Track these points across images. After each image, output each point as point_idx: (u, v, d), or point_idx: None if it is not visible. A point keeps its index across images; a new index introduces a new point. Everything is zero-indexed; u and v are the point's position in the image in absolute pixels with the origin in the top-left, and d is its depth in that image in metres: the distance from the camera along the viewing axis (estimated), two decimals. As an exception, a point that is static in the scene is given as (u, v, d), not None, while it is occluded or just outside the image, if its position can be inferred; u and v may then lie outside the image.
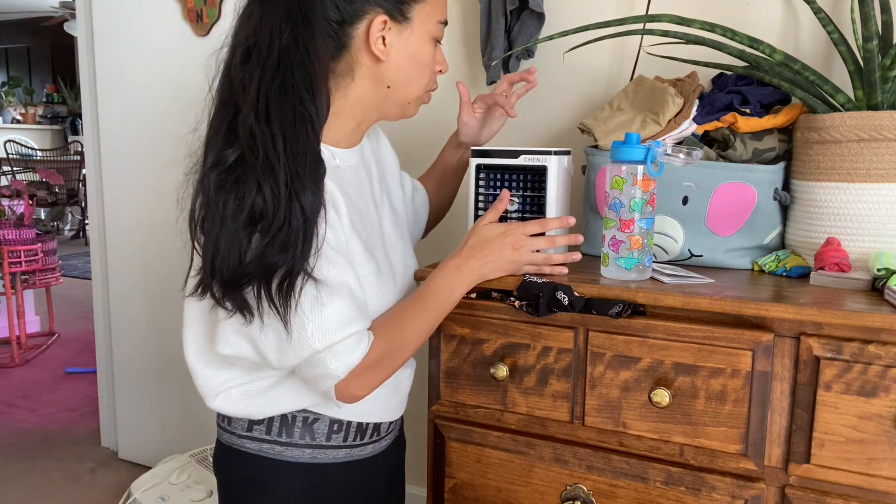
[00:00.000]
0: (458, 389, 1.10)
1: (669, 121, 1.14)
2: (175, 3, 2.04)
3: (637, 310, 0.97)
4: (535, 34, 1.47)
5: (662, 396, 0.93)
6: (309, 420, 0.99)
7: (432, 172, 1.29)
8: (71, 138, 7.88)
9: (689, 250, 1.12)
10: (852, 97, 1.10)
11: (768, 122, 1.12)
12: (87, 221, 6.01)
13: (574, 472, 1.03)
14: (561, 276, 1.02)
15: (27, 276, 3.52)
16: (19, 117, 8.33)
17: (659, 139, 1.13)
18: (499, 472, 1.08)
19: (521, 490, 1.07)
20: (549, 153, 1.06)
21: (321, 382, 0.90)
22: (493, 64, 1.50)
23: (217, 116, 0.90)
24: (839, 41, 1.12)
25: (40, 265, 3.50)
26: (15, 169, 6.65)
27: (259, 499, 1.00)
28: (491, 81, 1.53)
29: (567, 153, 1.10)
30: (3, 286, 3.43)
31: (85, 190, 6.48)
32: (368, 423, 1.03)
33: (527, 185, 1.09)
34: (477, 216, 1.11)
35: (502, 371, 1.03)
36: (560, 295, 0.97)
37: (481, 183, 1.11)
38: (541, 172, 1.07)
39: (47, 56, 9.62)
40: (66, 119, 8.68)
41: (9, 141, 6.95)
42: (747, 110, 1.13)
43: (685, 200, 1.11)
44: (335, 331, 0.87)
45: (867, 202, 1.01)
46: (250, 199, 0.83)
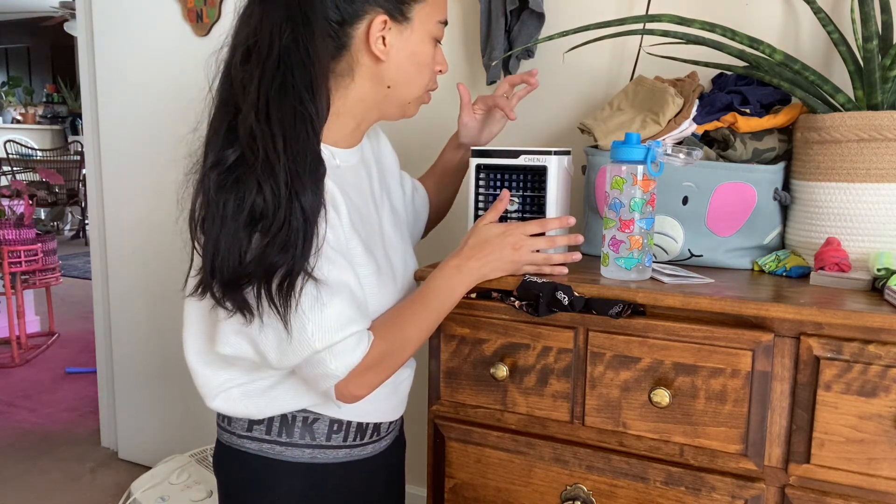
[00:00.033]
0: (458, 389, 1.10)
1: (669, 121, 1.14)
2: (175, 3, 2.04)
3: (637, 310, 0.97)
4: (535, 34, 1.48)
5: (662, 396, 0.93)
6: (309, 420, 0.99)
7: (432, 173, 1.29)
8: (71, 138, 7.88)
9: (689, 250, 1.12)
10: (852, 97, 1.10)
11: (768, 122, 1.12)
12: (87, 221, 6.01)
13: (574, 472, 1.03)
14: (561, 276, 1.02)
15: (27, 276, 3.52)
16: (19, 117, 8.33)
17: (659, 139, 1.13)
18: (499, 472, 1.08)
19: (521, 490, 1.07)
20: (549, 153, 1.06)
21: (321, 382, 0.90)
22: (493, 64, 1.50)
23: (217, 116, 0.90)
24: (839, 41, 1.12)
25: (40, 265, 3.50)
26: (15, 169, 6.65)
27: (259, 499, 1.00)
28: (491, 81, 1.53)
29: (567, 153, 1.10)
30: (3, 286, 3.43)
31: (85, 190, 6.48)
32: (368, 423, 1.03)
33: (527, 185, 1.09)
34: (477, 216, 1.11)
35: (502, 371, 1.03)
36: (560, 295, 0.97)
37: (481, 183, 1.11)
38: (541, 172, 1.07)
39: (47, 56, 9.62)
40: (66, 119, 8.68)
41: (9, 141, 6.95)
42: (747, 110, 1.13)
43: (685, 200, 1.11)
44: (335, 331, 0.87)
45: (867, 202, 1.01)
46: (250, 198, 0.83)
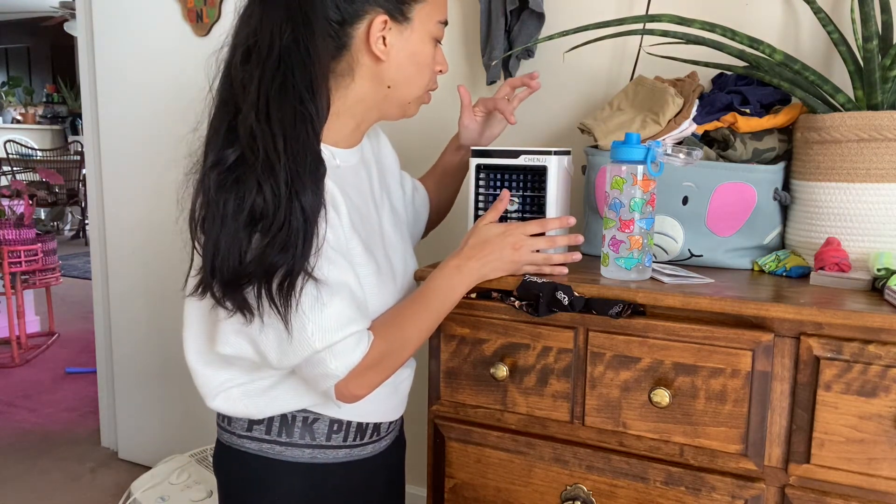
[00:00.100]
0: (458, 389, 1.10)
1: (669, 121, 1.14)
2: (175, 3, 2.04)
3: (637, 310, 0.97)
4: (535, 34, 1.48)
5: (662, 396, 0.93)
6: (309, 420, 0.99)
7: (433, 173, 1.30)
8: (71, 138, 7.88)
9: (689, 250, 1.12)
10: (852, 97, 1.10)
11: (768, 122, 1.12)
12: (87, 221, 6.01)
13: (574, 472, 1.03)
14: (561, 276, 1.02)
15: (27, 276, 3.52)
16: (19, 117, 8.33)
17: (659, 139, 1.13)
18: (499, 472, 1.08)
19: (521, 490, 1.07)
20: (549, 153, 1.06)
21: (321, 382, 0.90)
22: (493, 64, 1.50)
23: (217, 116, 0.90)
24: (839, 41, 1.12)
25: (40, 265, 3.50)
26: (15, 169, 6.65)
27: (259, 499, 1.00)
28: (491, 81, 1.53)
29: (567, 153, 1.10)
30: (3, 286, 3.43)
31: (85, 190, 6.48)
32: (368, 423, 1.03)
33: (527, 185, 1.09)
34: (477, 216, 1.11)
35: (502, 371, 1.03)
36: (560, 295, 0.97)
37: (481, 183, 1.11)
38: (541, 172, 1.07)
39: (47, 56, 9.62)
40: (66, 119, 8.68)
41: (9, 141, 6.95)
42: (747, 110, 1.13)
43: (685, 200, 1.11)
44: (335, 330, 0.87)
45: (867, 202, 1.01)
46: (250, 198, 0.83)
